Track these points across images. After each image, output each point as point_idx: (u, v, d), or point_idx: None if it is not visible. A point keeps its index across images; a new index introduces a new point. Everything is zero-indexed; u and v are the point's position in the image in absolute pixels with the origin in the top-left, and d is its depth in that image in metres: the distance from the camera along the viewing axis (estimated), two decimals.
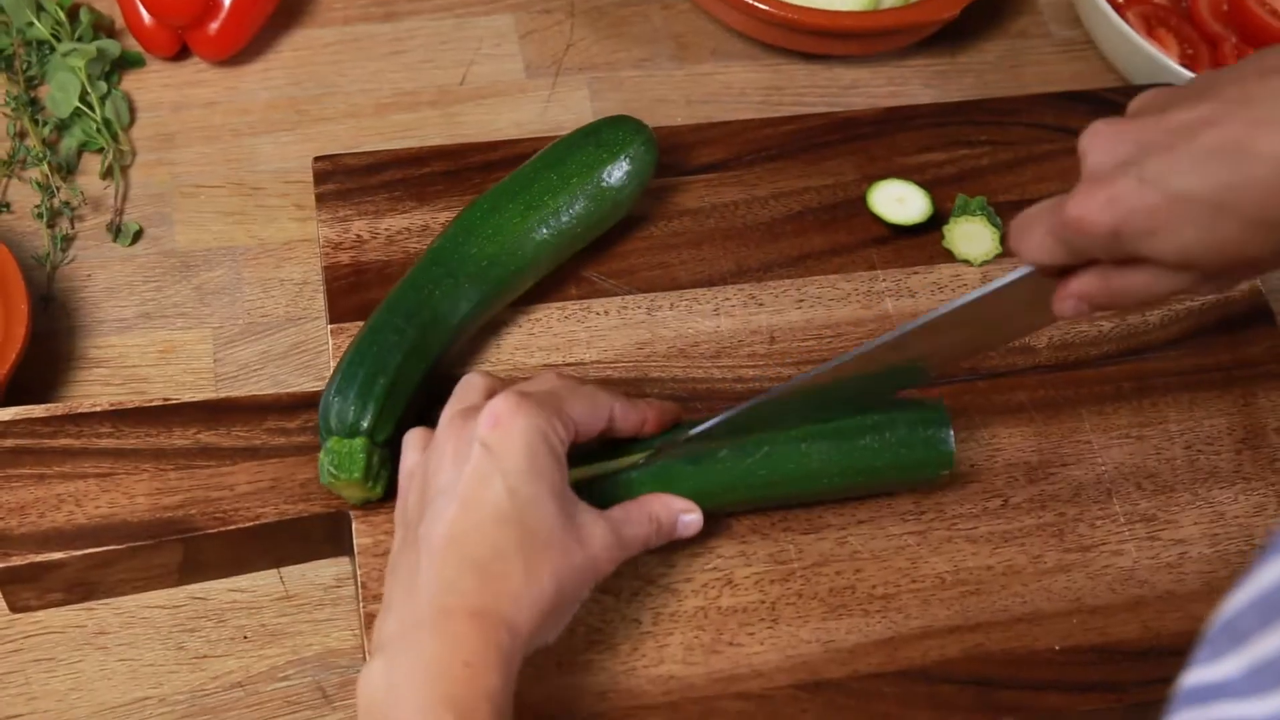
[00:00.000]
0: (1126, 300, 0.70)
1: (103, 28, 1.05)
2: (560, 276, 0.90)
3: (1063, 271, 0.71)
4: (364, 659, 0.77)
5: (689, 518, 0.79)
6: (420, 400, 0.82)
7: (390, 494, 0.81)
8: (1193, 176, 0.62)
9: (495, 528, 0.69)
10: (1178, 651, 0.81)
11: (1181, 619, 0.82)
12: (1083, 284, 0.70)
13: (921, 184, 0.95)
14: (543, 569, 0.70)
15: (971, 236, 0.93)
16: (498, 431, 0.71)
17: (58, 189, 0.97)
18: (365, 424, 0.79)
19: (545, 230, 0.86)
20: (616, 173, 0.88)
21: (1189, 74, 1.02)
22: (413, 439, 0.77)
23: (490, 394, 0.75)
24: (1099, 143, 0.67)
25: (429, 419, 0.84)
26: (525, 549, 0.70)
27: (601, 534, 0.73)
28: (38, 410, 0.83)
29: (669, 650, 0.79)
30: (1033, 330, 0.89)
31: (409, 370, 0.81)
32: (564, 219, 0.86)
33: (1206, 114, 0.63)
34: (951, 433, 0.81)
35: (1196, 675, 0.49)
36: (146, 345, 0.92)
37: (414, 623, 0.68)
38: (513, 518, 0.70)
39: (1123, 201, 0.64)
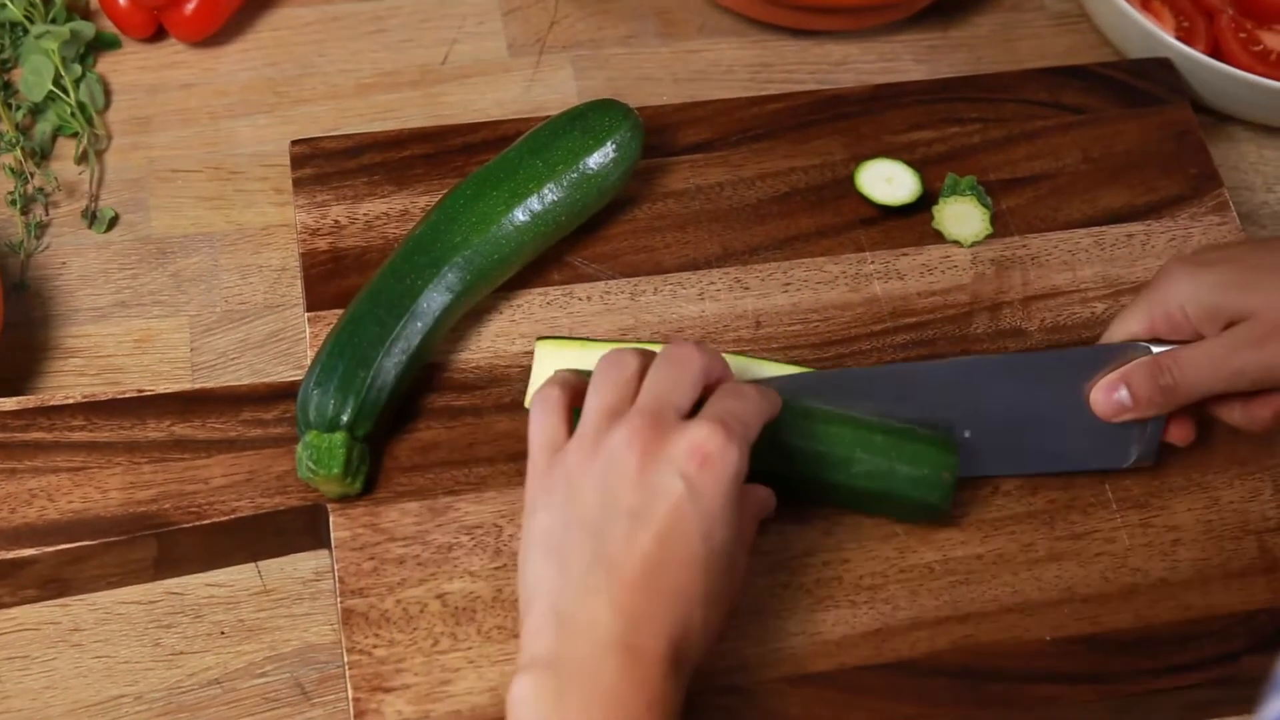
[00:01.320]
0: (1174, 381, 0.78)
1: (77, 9, 1.03)
2: (542, 261, 0.88)
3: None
4: (343, 654, 0.76)
5: (770, 498, 0.77)
6: (402, 393, 0.81)
7: (369, 489, 0.80)
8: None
9: (686, 570, 0.67)
10: (1170, 641, 0.80)
11: (1175, 608, 0.81)
12: (1131, 369, 0.79)
13: (911, 163, 0.93)
14: (719, 612, 0.69)
15: (962, 217, 0.92)
16: (705, 474, 0.67)
17: (31, 175, 0.95)
18: (345, 418, 0.78)
19: (529, 218, 0.84)
20: (602, 159, 0.86)
21: (1184, 47, 1.00)
22: (551, 402, 0.72)
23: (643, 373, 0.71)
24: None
25: (410, 410, 0.83)
26: (709, 595, 0.68)
27: (746, 546, 0.73)
28: (9, 403, 0.81)
29: None
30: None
31: (390, 362, 0.80)
32: (548, 206, 0.85)
33: None
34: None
35: None
36: (122, 334, 0.91)
37: (595, 651, 0.65)
38: (702, 563, 0.67)
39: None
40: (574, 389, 0.73)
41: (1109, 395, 0.79)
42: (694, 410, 0.71)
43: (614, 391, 0.70)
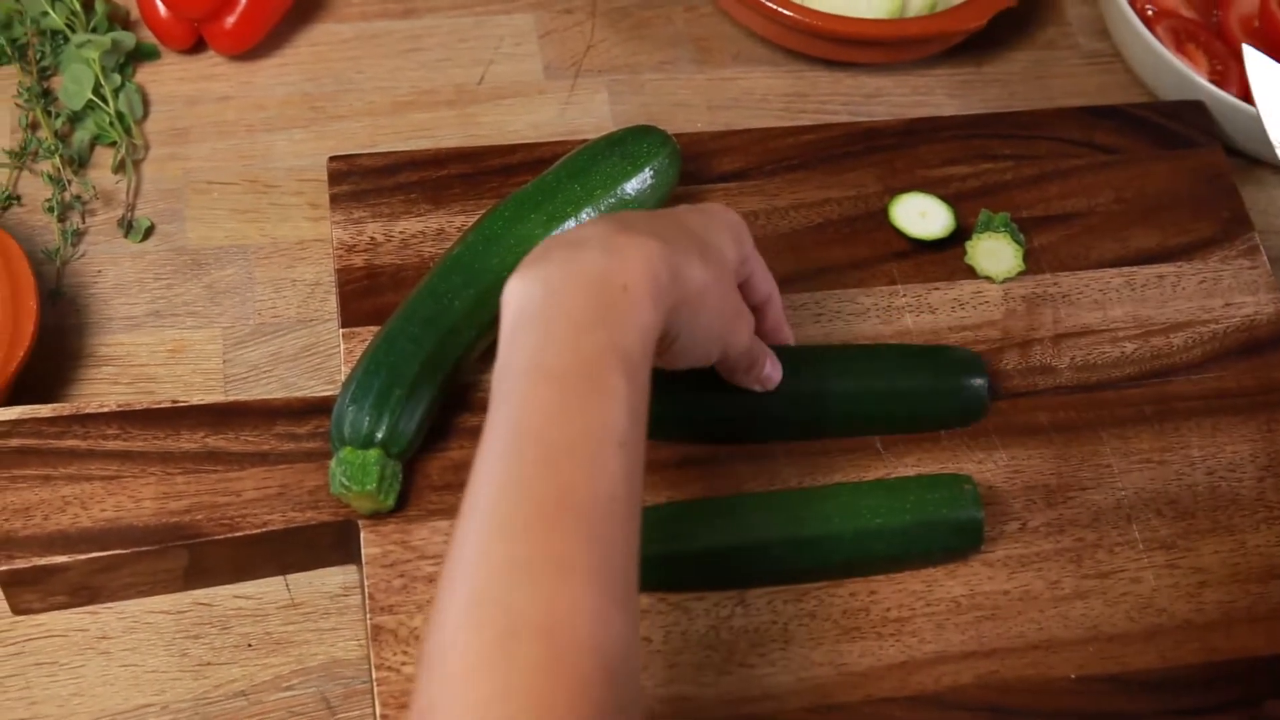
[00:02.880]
0: None
1: (118, 19, 1.04)
2: None
3: None
4: (370, 672, 0.76)
5: (774, 373, 0.81)
6: (435, 412, 0.81)
7: (400, 506, 0.80)
8: None
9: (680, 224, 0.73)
10: (1195, 683, 0.80)
11: (1199, 650, 0.81)
12: None
13: (945, 198, 0.94)
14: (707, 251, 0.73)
15: (994, 253, 0.92)
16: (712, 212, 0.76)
17: (69, 183, 0.96)
18: (380, 435, 0.78)
19: None
20: (640, 185, 0.87)
21: (1218, 91, 1.00)
22: None
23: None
24: None
25: (442, 429, 0.83)
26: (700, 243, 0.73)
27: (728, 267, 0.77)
28: (44, 410, 0.82)
29: (680, 670, 0.78)
30: None
31: (425, 381, 0.80)
32: None
33: None
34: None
35: None
36: (155, 344, 0.91)
37: (576, 241, 0.68)
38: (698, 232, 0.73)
39: None
40: None
41: None
42: None
43: None
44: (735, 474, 0.84)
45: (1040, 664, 0.80)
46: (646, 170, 0.87)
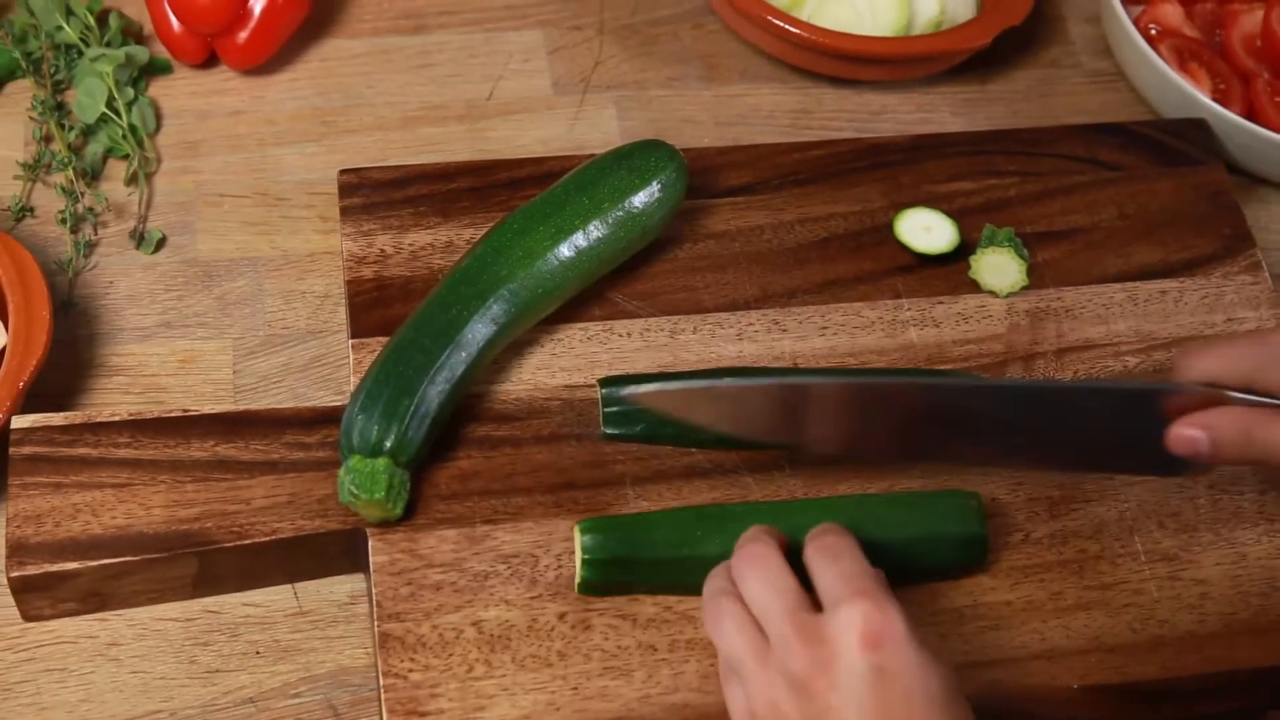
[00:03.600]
0: (1259, 450, 0.72)
1: (131, 33, 1.05)
2: (584, 297, 0.89)
3: None
4: (377, 679, 0.77)
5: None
6: (443, 421, 0.82)
7: (408, 515, 0.81)
8: None
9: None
10: (1196, 693, 0.81)
11: (1201, 661, 0.81)
12: (1215, 418, 0.73)
13: (949, 213, 0.94)
14: None
15: (998, 268, 0.93)
16: (884, 647, 0.67)
17: (82, 195, 0.97)
18: (389, 444, 0.79)
19: (574, 254, 0.86)
20: (647, 199, 0.87)
21: (1220, 109, 1.01)
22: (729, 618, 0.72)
23: (790, 586, 0.71)
24: None
25: (450, 439, 0.84)
26: None
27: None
28: (56, 418, 0.82)
29: (684, 678, 0.78)
30: (1108, 465, 0.84)
31: (434, 391, 0.81)
32: (593, 243, 0.86)
33: None
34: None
35: None
36: (166, 354, 0.92)
37: None
38: (939, 710, 0.67)
39: None
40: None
41: (1189, 434, 0.74)
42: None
43: (745, 634, 0.70)
44: (741, 483, 0.84)
45: (1043, 674, 0.80)
46: (654, 184, 0.88)
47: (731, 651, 0.71)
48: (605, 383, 0.85)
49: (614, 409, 0.84)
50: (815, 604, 0.70)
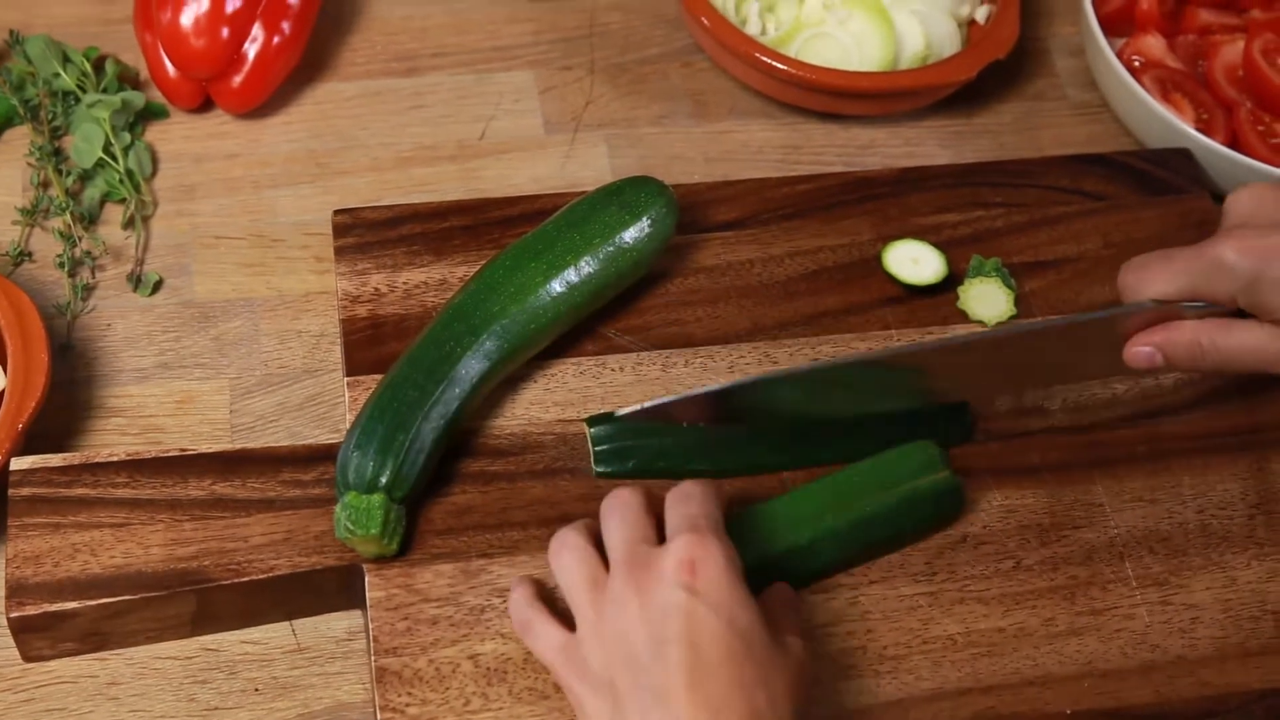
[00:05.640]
0: (1211, 359, 0.76)
1: (128, 79, 1.06)
2: (576, 332, 0.90)
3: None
4: (375, 713, 0.77)
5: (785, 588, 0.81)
6: (438, 457, 0.83)
7: (404, 551, 0.81)
8: None
9: (728, 665, 0.69)
10: (1188, 717, 0.81)
11: (1193, 685, 0.82)
12: (1166, 333, 0.76)
13: (937, 245, 0.95)
14: (780, 691, 0.70)
15: (986, 298, 0.94)
16: (699, 574, 0.71)
17: (79, 239, 0.98)
18: (384, 480, 0.80)
19: (566, 289, 0.87)
20: (638, 234, 0.88)
21: (1204, 139, 1.02)
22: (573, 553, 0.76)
23: (642, 524, 0.76)
24: (1255, 201, 0.76)
25: (445, 474, 0.84)
26: (762, 676, 0.70)
27: (792, 632, 0.75)
28: (55, 459, 0.83)
29: None
30: (1082, 378, 0.88)
31: (428, 427, 0.82)
32: (585, 279, 0.87)
33: None
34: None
35: None
36: (164, 395, 0.93)
37: None
38: (741, 651, 0.70)
39: (1273, 250, 0.72)
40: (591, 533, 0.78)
41: (1144, 351, 0.79)
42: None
43: (585, 566, 0.75)
44: (729, 516, 0.85)
45: (1036, 700, 0.81)
46: (644, 219, 0.89)
47: (568, 580, 0.75)
48: (593, 421, 0.86)
49: (604, 448, 0.85)
50: None
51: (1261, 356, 0.75)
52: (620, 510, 0.77)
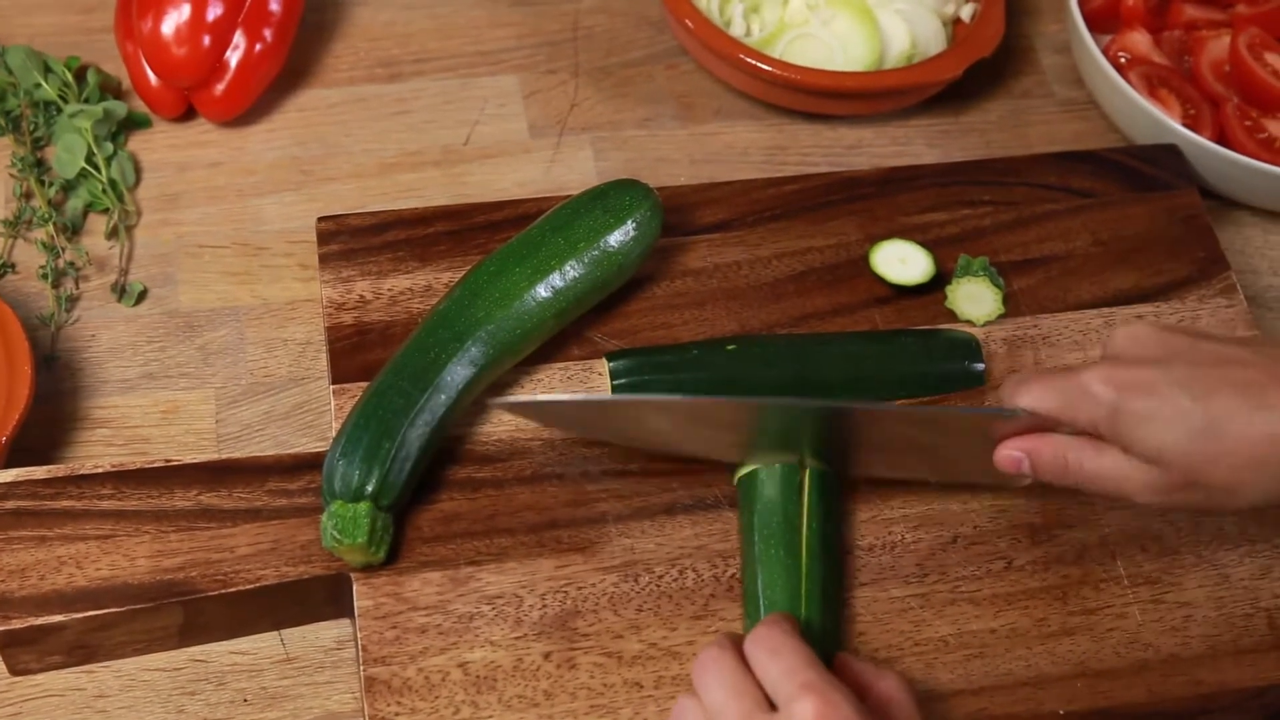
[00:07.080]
0: (1074, 477, 0.77)
1: (109, 89, 1.06)
2: (563, 337, 0.90)
3: None
4: None
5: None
6: (425, 464, 0.82)
7: (392, 559, 0.81)
8: (1211, 395, 0.72)
9: None
10: (1182, 716, 0.81)
11: (1186, 683, 0.82)
12: (1035, 443, 0.77)
13: (924, 244, 0.95)
14: None
15: (974, 297, 0.93)
16: None
17: (63, 250, 0.97)
18: (370, 488, 0.79)
19: (551, 294, 0.86)
20: (623, 237, 0.88)
21: (1191, 134, 1.02)
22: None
23: (747, 686, 0.72)
24: (1130, 338, 0.77)
25: (432, 482, 0.84)
26: None
27: None
28: (39, 472, 0.83)
29: (670, 715, 0.78)
30: (960, 478, 0.87)
31: (415, 434, 0.81)
32: (570, 283, 0.87)
33: (1240, 356, 0.74)
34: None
35: None
36: (149, 406, 0.92)
37: None
38: None
39: (1137, 385, 0.74)
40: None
41: (1013, 455, 0.78)
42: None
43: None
44: (724, 518, 0.85)
45: (1029, 700, 0.80)
46: (629, 223, 0.89)
47: None
48: (613, 357, 0.89)
49: (622, 381, 0.88)
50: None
51: (1124, 486, 0.75)
52: (716, 674, 0.72)
